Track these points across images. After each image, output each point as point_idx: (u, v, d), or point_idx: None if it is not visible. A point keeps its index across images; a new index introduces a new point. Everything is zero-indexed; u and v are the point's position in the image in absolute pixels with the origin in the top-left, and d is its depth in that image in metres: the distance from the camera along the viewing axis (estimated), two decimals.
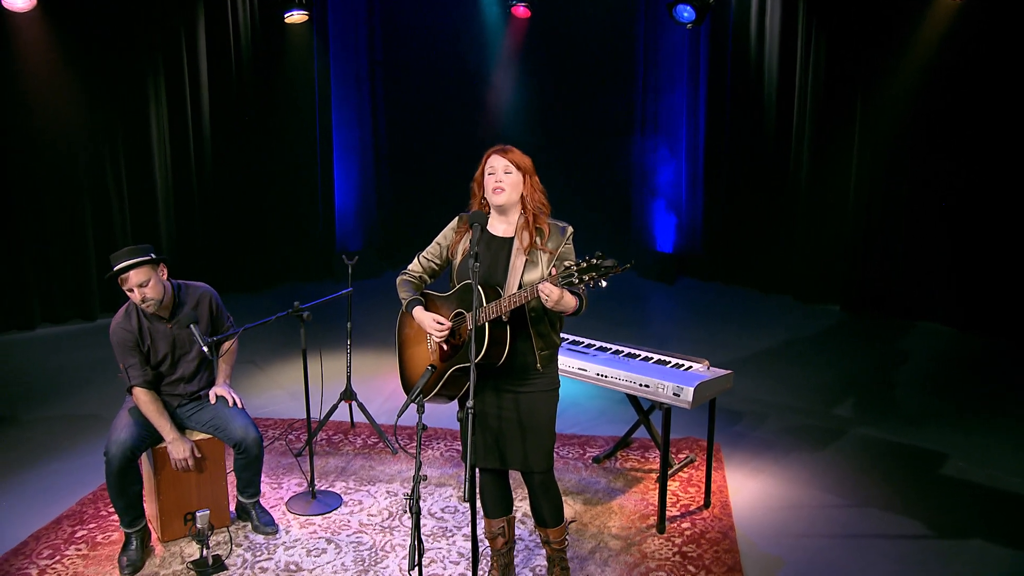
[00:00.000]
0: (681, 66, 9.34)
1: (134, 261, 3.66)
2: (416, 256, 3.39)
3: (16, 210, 7.40)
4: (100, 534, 4.01)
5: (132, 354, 3.77)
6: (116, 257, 3.70)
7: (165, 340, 3.84)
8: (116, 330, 3.78)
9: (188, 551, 3.86)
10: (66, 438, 5.14)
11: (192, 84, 8.37)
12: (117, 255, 3.71)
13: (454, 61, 10.09)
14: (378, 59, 9.95)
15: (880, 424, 5.37)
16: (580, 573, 3.67)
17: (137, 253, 3.70)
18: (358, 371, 5.23)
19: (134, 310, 3.81)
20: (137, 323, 3.80)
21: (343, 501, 4.34)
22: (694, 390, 3.79)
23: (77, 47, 7.55)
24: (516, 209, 3.20)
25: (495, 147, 3.20)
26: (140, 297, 3.71)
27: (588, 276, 2.82)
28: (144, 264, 3.69)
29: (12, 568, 3.70)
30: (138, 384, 3.76)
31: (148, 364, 3.81)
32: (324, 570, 3.72)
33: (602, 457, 4.82)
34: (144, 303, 3.72)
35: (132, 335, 3.77)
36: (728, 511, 4.23)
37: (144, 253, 3.72)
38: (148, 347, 3.81)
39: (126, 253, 3.70)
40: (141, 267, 3.68)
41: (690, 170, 9.53)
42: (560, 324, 3.25)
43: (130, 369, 3.76)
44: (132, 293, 3.71)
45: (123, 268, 3.65)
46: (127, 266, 3.65)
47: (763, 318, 8.04)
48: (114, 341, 3.78)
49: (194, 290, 3.96)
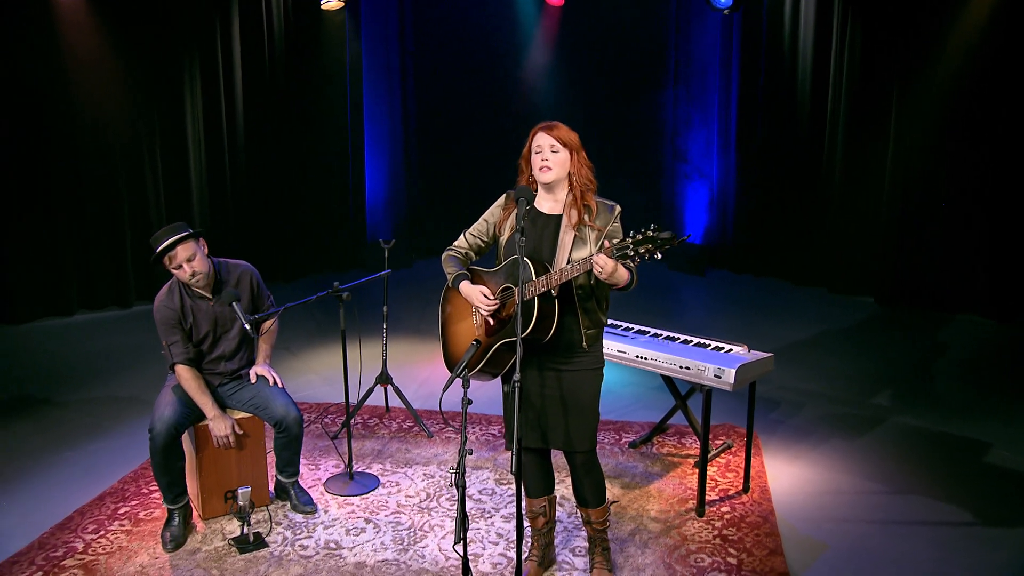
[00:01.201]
0: (714, 55, 9.28)
1: (180, 236, 3.69)
2: (462, 233, 3.38)
3: (56, 199, 7.50)
4: (142, 511, 4.05)
5: (175, 332, 3.80)
6: (157, 238, 3.72)
7: (207, 318, 3.87)
8: (159, 308, 3.81)
9: (228, 528, 3.89)
10: (106, 419, 5.20)
11: (226, 74, 8.44)
12: (157, 236, 3.73)
13: (486, 52, 10.09)
14: (409, 50, 9.97)
15: (919, 413, 5.30)
16: (620, 555, 3.65)
17: (176, 230, 3.73)
18: (391, 358, 5.24)
19: (177, 288, 3.84)
20: (180, 301, 3.83)
21: (380, 482, 4.35)
22: (736, 371, 3.76)
23: (116, 36, 7.64)
24: (563, 186, 3.19)
25: (541, 124, 3.18)
26: (190, 272, 3.73)
27: (644, 248, 2.79)
28: (188, 239, 3.72)
29: (59, 541, 3.74)
30: (180, 361, 3.79)
31: (190, 342, 3.84)
32: (364, 548, 3.73)
33: (638, 442, 4.80)
34: (194, 278, 3.75)
35: (175, 313, 3.80)
36: (767, 496, 4.19)
37: (183, 229, 3.75)
38: (190, 325, 3.84)
39: (166, 232, 3.72)
40: (186, 242, 3.71)
41: (722, 160, 9.47)
42: (606, 304, 3.23)
43: (173, 347, 3.79)
44: (181, 270, 3.73)
45: (171, 244, 3.68)
46: (175, 241, 3.68)
47: (796, 309, 7.97)
48: (157, 319, 3.81)
49: (234, 267, 3.99)
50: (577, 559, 3.63)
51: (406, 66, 10.00)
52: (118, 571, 3.54)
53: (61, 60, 7.37)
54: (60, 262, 7.57)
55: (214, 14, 8.24)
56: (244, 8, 8.51)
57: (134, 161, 7.92)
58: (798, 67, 8.56)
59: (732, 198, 9.42)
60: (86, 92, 7.55)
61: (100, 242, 7.81)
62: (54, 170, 7.46)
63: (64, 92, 7.42)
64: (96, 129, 7.66)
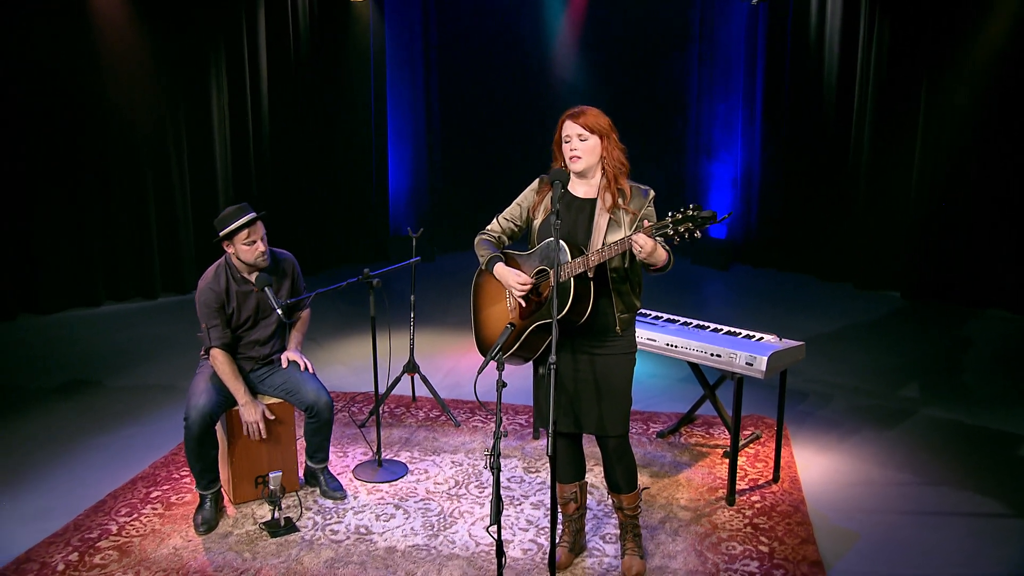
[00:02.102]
0: (739, 48, 9.24)
1: (258, 214, 3.78)
2: (495, 217, 3.38)
3: (83, 191, 7.57)
4: (174, 495, 4.09)
5: (216, 315, 3.82)
6: (231, 215, 3.76)
7: (250, 303, 3.90)
8: (204, 290, 3.83)
9: (259, 513, 3.91)
10: (137, 406, 5.25)
11: (251, 66, 8.49)
12: (232, 212, 3.78)
13: (510, 44, 10.11)
14: (433, 43, 9.99)
15: (949, 406, 5.25)
16: (651, 542, 3.64)
17: (248, 209, 3.80)
18: (417, 349, 5.24)
19: (223, 272, 3.87)
20: (225, 284, 3.86)
21: (409, 470, 4.36)
22: (768, 359, 3.73)
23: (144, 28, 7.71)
24: (596, 170, 3.17)
25: (569, 111, 3.14)
26: (263, 249, 3.81)
27: (683, 227, 2.78)
28: (262, 217, 3.82)
29: (94, 523, 3.78)
30: (217, 346, 3.81)
31: (229, 327, 3.87)
32: (394, 534, 3.74)
33: (666, 432, 4.79)
34: (263, 256, 3.83)
35: (219, 296, 3.83)
36: (798, 485, 4.17)
37: (252, 209, 3.81)
38: (232, 309, 3.87)
39: (239, 210, 3.78)
40: (260, 221, 3.81)
41: (747, 155, 9.42)
42: (640, 288, 3.22)
43: (212, 330, 3.81)
44: (255, 245, 3.79)
45: (255, 218, 3.76)
46: (259, 216, 3.78)
47: (821, 304, 7.92)
48: (201, 301, 3.83)
49: (280, 255, 4.03)
50: (608, 546, 3.63)
51: (430, 59, 10.03)
52: (152, 553, 3.57)
53: (91, 53, 7.44)
54: (87, 253, 7.64)
55: (240, 6, 8.29)
56: (270, 1, 8.56)
57: (160, 154, 7.98)
58: (824, 60, 8.49)
59: (756, 193, 9.37)
60: (114, 85, 7.61)
61: (126, 234, 7.88)
62: (82, 163, 7.53)
63: (92, 85, 7.49)
64: (123, 122, 7.72)
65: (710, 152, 9.68)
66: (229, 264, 3.88)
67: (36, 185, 7.28)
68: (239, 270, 3.88)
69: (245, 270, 3.88)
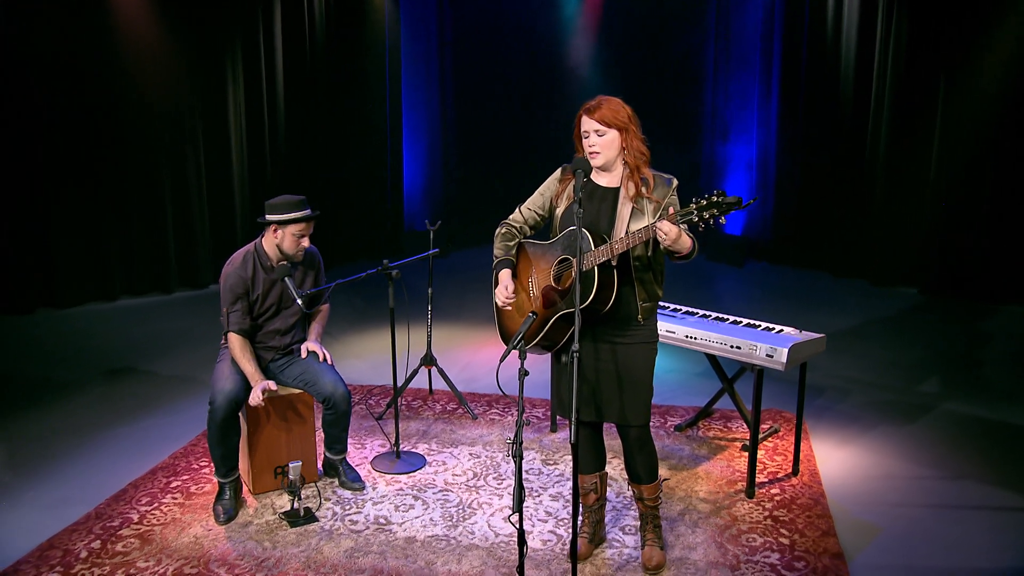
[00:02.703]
0: (754, 43, 9.20)
1: (315, 213, 3.87)
2: (517, 207, 3.37)
3: (101, 186, 7.60)
4: (193, 485, 4.10)
5: (239, 300, 3.84)
6: (291, 205, 3.81)
7: (275, 291, 3.92)
8: (231, 274, 3.85)
9: (279, 503, 3.92)
10: (155, 398, 5.27)
11: (267, 62, 8.52)
12: (290, 203, 3.83)
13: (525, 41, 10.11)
14: (448, 39, 10.00)
15: (970, 401, 5.22)
16: (671, 533, 3.63)
17: (306, 204, 3.86)
18: (433, 344, 5.24)
19: (252, 258, 3.89)
20: (252, 271, 3.87)
21: (427, 461, 4.36)
22: (788, 351, 3.72)
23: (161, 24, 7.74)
24: (618, 162, 3.16)
25: (585, 105, 3.12)
26: (306, 244, 3.89)
27: (708, 214, 2.77)
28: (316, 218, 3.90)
29: (115, 512, 3.80)
30: (235, 331, 3.83)
31: (251, 315, 3.88)
32: (413, 524, 3.74)
33: (684, 426, 4.77)
34: (303, 251, 3.90)
35: (244, 282, 3.84)
36: (817, 479, 4.15)
37: (308, 206, 3.87)
38: (257, 296, 3.89)
39: (298, 203, 3.84)
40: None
41: (761, 151, 9.38)
42: (662, 277, 3.21)
43: (232, 314, 3.83)
44: (303, 239, 3.86)
45: (314, 216, 3.86)
46: (317, 215, 3.88)
47: (837, 300, 7.88)
48: (226, 284, 3.85)
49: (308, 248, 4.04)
50: (627, 537, 3.62)
51: (444, 55, 10.03)
52: (173, 541, 3.58)
53: (109, 49, 7.48)
54: (104, 248, 7.68)
55: (256, 2, 8.31)
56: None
57: (177, 150, 8.01)
58: (841, 54, 8.45)
59: (772, 189, 9.33)
60: (131, 81, 7.65)
61: (143, 229, 7.91)
62: (99, 160, 7.56)
63: (110, 82, 7.52)
64: (140, 118, 7.75)
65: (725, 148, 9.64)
66: (259, 251, 3.90)
67: (54, 181, 7.32)
68: (269, 258, 3.89)
69: (275, 259, 3.89)
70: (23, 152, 7.11)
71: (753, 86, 9.26)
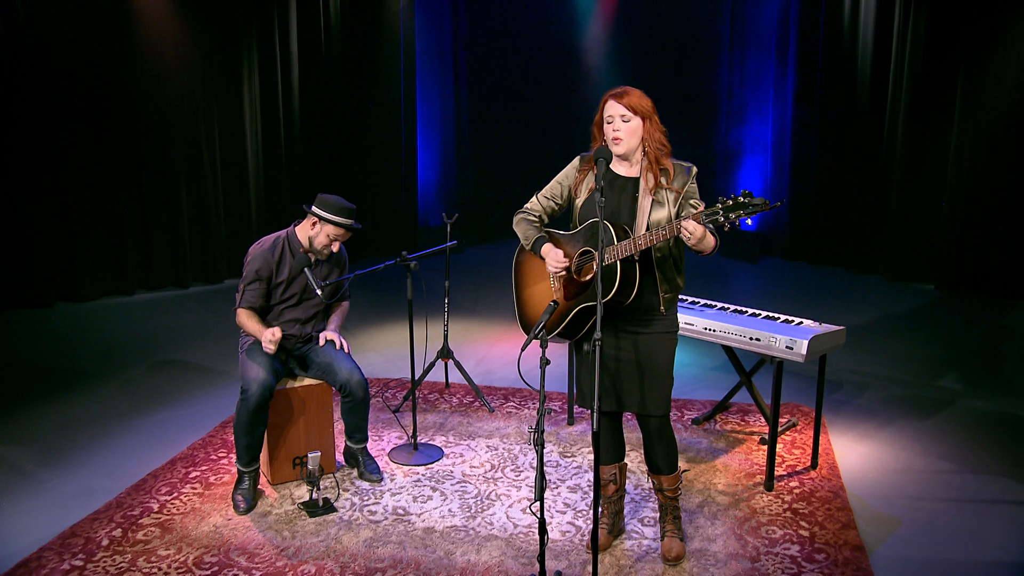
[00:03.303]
0: (770, 37, 9.17)
1: (359, 227, 3.93)
2: (534, 196, 3.37)
3: (118, 182, 7.65)
4: (212, 475, 4.12)
5: (260, 282, 3.86)
6: (343, 210, 3.84)
7: (300, 280, 3.94)
8: (259, 254, 3.87)
9: (297, 493, 3.93)
10: (173, 390, 5.30)
11: (283, 58, 8.56)
12: (343, 208, 3.85)
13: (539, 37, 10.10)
14: (462, 35, 10.00)
15: (989, 396, 5.19)
16: (690, 525, 3.63)
17: (354, 215, 3.90)
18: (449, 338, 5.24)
19: (283, 244, 3.91)
20: (279, 256, 3.89)
21: (444, 453, 4.37)
22: (808, 343, 3.70)
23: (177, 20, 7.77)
24: (638, 151, 3.16)
25: (612, 91, 3.13)
26: (335, 248, 3.92)
27: (735, 214, 2.77)
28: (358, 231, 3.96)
29: (135, 501, 3.82)
30: (244, 307, 3.86)
31: (267, 298, 3.90)
32: (432, 515, 3.75)
33: (701, 419, 4.76)
34: (326, 250, 3.91)
35: (269, 265, 3.86)
36: (836, 472, 4.13)
37: (355, 217, 3.92)
38: (282, 282, 3.90)
39: (352, 211, 3.88)
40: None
41: (777, 146, 9.34)
42: (682, 268, 3.20)
43: (247, 291, 3.85)
44: (334, 243, 3.89)
45: (356, 228, 3.91)
46: (359, 229, 3.93)
47: (854, 296, 7.84)
48: (250, 264, 3.87)
49: None
50: (646, 528, 3.61)
51: (459, 50, 10.04)
52: (193, 530, 3.60)
53: (126, 45, 7.52)
54: (121, 243, 7.72)
55: None
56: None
57: (193, 147, 8.05)
58: (858, 48, 8.41)
59: (787, 184, 9.30)
60: (148, 78, 7.69)
61: (159, 224, 7.95)
62: (117, 155, 7.61)
63: (127, 78, 7.57)
64: (157, 115, 7.79)
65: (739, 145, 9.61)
66: (290, 238, 3.92)
67: (73, 177, 7.37)
68: (301, 245, 3.92)
69: (305, 248, 3.92)
70: (43, 148, 7.16)
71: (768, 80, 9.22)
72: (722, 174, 9.78)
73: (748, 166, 9.56)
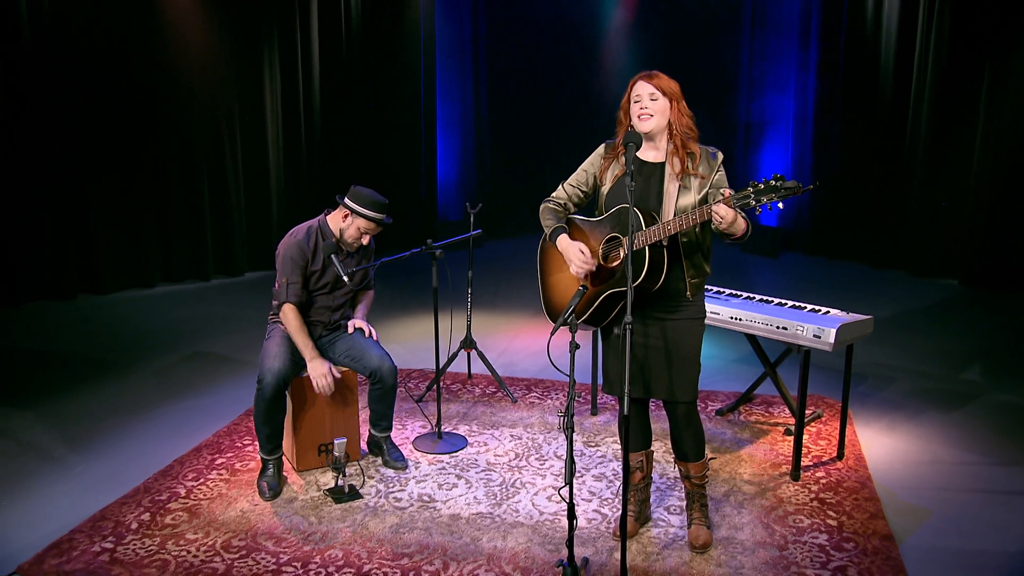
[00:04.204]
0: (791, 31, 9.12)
1: (389, 221, 3.94)
2: (560, 184, 3.36)
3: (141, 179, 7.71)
4: (238, 462, 4.14)
5: (297, 273, 3.85)
6: (374, 204, 3.87)
7: (331, 270, 3.94)
8: (292, 245, 3.87)
9: (323, 480, 3.95)
10: (197, 379, 5.33)
11: (304, 52, 8.58)
12: (375, 203, 3.88)
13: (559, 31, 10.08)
14: (482, 31, 10.01)
15: (1017, 390, 5.14)
16: (716, 514, 3.61)
17: (386, 209, 3.93)
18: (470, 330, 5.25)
19: (316, 233, 3.92)
20: (314, 245, 3.90)
21: (468, 442, 4.37)
22: (836, 331, 3.68)
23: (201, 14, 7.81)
24: (664, 135, 3.15)
25: (641, 73, 3.15)
26: (364, 241, 3.94)
27: (767, 198, 2.75)
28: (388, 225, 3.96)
29: (162, 487, 3.85)
30: (292, 302, 3.85)
31: (306, 288, 3.91)
32: (457, 502, 3.75)
33: (725, 410, 4.74)
34: (355, 243, 3.93)
35: (305, 255, 3.86)
36: (863, 463, 4.10)
37: (387, 211, 3.94)
38: (316, 271, 3.91)
39: (383, 206, 3.92)
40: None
41: (798, 140, 9.29)
42: (709, 254, 3.19)
43: (291, 286, 3.84)
44: (362, 235, 3.91)
45: (386, 223, 3.93)
46: (389, 223, 3.94)
47: (876, 291, 7.79)
48: (285, 255, 3.87)
49: None
50: (672, 516, 3.60)
51: (479, 47, 10.04)
52: (220, 515, 3.61)
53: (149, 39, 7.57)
54: (143, 236, 7.78)
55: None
56: None
57: (214, 141, 8.09)
58: (881, 42, 8.35)
59: (808, 178, 9.25)
60: (170, 73, 7.74)
61: (181, 218, 8.00)
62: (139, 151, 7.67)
63: (150, 72, 7.62)
64: (179, 110, 7.85)
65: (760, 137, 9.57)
66: (322, 228, 3.93)
67: (95, 173, 7.43)
68: (333, 234, 3.93)
69: (337, 239, 3.93)
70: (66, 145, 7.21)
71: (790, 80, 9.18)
72: (741, 163, 9.74)
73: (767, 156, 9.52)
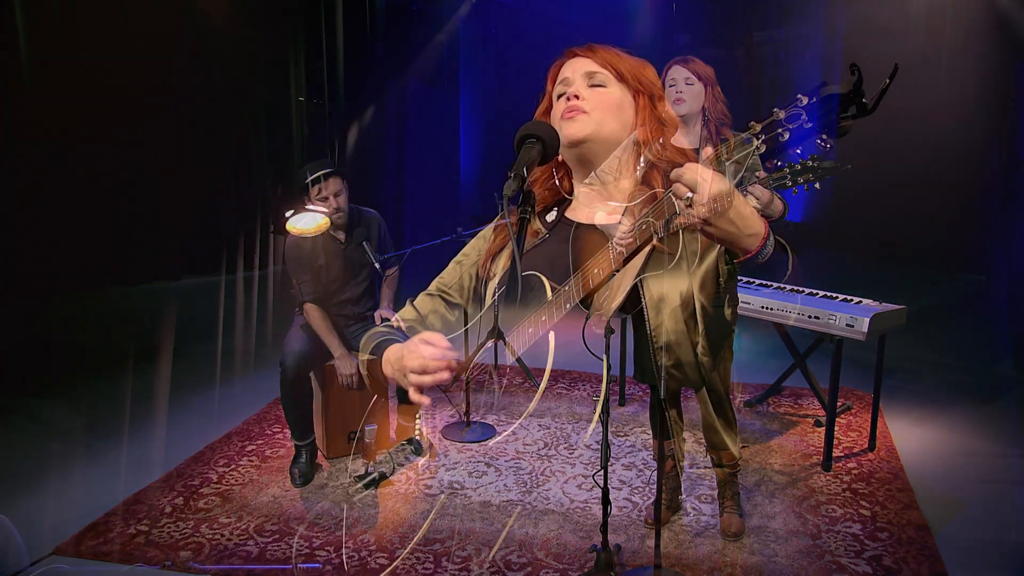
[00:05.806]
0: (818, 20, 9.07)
1: (332, 169, 3.77)
2: None
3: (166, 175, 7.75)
4: (268, 449, 4.16)
5: (305, 270, 3.86)
6: (310, 168, 3.78)
7: (338, 260, 3.94)
8: (293, 244, 3.87)
9: (353, 467, 3.96)
10: (225, 369, 5.37)
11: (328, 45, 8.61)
12: (309, 166, 3.79)
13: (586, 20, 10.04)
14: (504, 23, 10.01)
15: None
16: (748, 503, 3.59)
17: (326, 164, 3.81)
18: None
19: None
20: (312, 240, 3.90)
21: (496, 431, 4.38)
22: (870, 320, 3.65)
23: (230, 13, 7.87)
24: (698, 120, 3.14)
25: (676, 57, 3.16)
26: (335, 206, 3.81)
27: (803, 178, 2.73)
28: (338, 174, 3.80)
29: (195, 472, 3.87)
30: (310, 300, 3.85)
31: (319, 282, 3.92)
32: (487, 489, 3.75)
33: (754, 402, 4.72)
34: (336, 212, 3.82)
35: (306, 251, 3.87)
36: (895, 454, 4.07)
37: (331, 164, 3.82)
38: (322, 264, 3.91)
39: (317, 164, 3.80)
40: (336, 176, 3.79)
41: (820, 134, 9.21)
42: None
43: (303, 284, 3.85)
44: (327, 201, 3.79)
45: (327, 173, 3.76)
46: (329, 172, 3.76)
47: (902, 286, 7.70)
48: (290, 256, 3.88)
49: (366, 213, 4.06)
50: (704, 505, 3.58)
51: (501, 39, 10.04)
52: (252, 500, 3.64)
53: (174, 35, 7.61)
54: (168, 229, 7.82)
55: None
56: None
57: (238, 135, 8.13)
58: None
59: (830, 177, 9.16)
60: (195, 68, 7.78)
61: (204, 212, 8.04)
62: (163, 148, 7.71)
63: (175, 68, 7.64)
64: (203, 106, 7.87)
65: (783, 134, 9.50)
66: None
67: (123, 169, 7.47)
68: (332, 224, 3.92)
69: (335, 224, 3.92)
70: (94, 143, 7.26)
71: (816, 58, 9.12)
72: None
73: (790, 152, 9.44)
